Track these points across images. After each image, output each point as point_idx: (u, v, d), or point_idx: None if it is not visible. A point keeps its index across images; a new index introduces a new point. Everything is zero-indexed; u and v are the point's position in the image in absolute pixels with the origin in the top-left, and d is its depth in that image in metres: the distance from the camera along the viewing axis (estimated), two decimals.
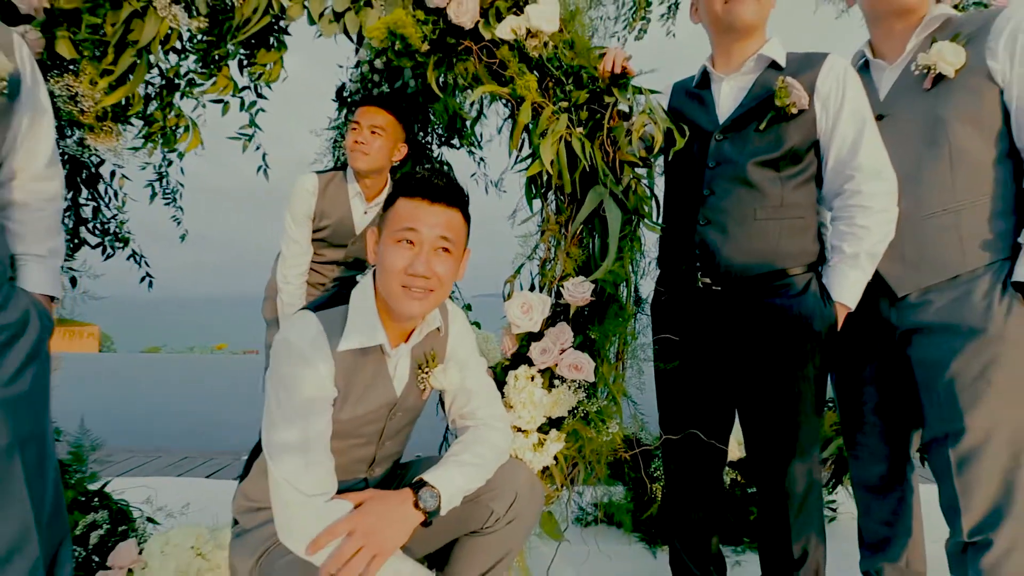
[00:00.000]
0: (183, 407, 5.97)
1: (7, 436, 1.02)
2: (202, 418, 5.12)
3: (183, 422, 4.91)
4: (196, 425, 4.72)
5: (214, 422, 4.85)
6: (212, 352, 14.26)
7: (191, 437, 4.10)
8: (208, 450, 3.06)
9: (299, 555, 0.94)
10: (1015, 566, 1.10)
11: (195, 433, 4.35)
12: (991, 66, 1.10)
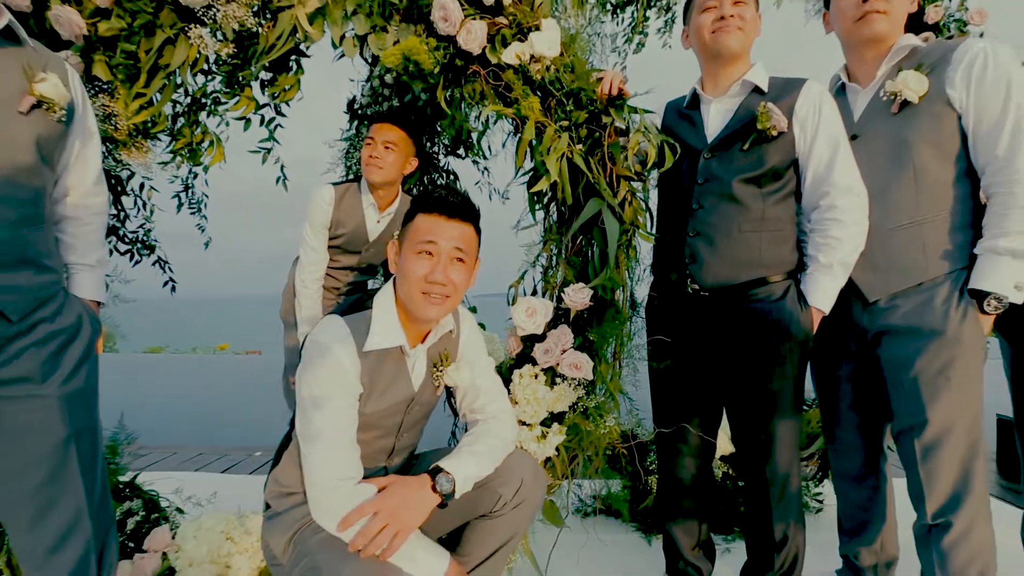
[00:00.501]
0: (190, 406, 6.07)
1: (65, 428, 1.14)
2: (209, 416, 5.22)
3: (190, 420, 5.01)
4: (203, 423, 4.83)
5: (221, 420, 4.95)
6: (215, 352, 14.29)
7: (199, 434, 4.21)
8: (222, 446, 3.17)
9: (331, 532, 1.05)
10: (971, 545, 1.21)
11: (202, 431, 4.46)
12: (950, 94, 1.21)
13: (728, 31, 1.34)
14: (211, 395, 7.23)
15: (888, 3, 1.28)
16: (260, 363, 13.29)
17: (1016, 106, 1.15)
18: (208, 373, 9.33)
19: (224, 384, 8.24)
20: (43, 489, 1.13)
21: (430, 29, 1.50)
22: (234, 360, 12.72)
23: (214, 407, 5.96)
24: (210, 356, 13.20)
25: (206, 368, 10.25)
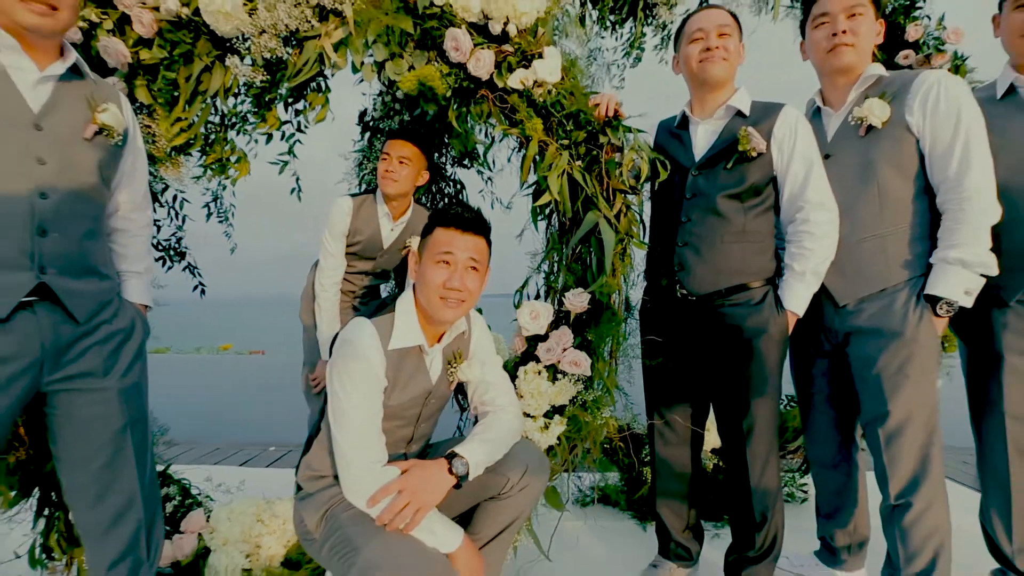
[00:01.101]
0: (198, 405, 6.20)
1: (123, 418, 1.28)
2: (217, 415, 5.36)
3: (200, 419, 5.14)
4: (212, 421, 4.96)
5: (229, 418, 5.08)
6: (218, 352, 14.39)
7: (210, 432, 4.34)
8: (238, 442, 3.31)
9: (360, 508, 1.20)
10: (929, 523, 1.36)
11: (211, 428, 4.59)
12: (909, 120, 1.36)
13: (714, 61, 1.49)
14: (218, 394, 7.37)
15: (855, 36, 1.43)
16: (263, 363, 13.43)
17: (965, 131, 1.30)
18: (212, 373, 9.47)
19: (228, 384, 8.37)
20: (104, 472, 1.27)
21: (442, 55, 1.65)
22: (238, 360, 12.84)
23: (221, 406, 6.09)
24: (213, 356, 13.31)
25: (210, 368, 10.38)
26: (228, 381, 8.71)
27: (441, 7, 1.58)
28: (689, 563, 1.73)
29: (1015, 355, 1.35)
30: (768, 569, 1.58)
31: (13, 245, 1.10)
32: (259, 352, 14.98)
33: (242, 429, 4.53)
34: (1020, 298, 1.33)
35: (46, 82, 1.18)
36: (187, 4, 1.58)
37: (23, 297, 1.11)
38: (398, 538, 1.18)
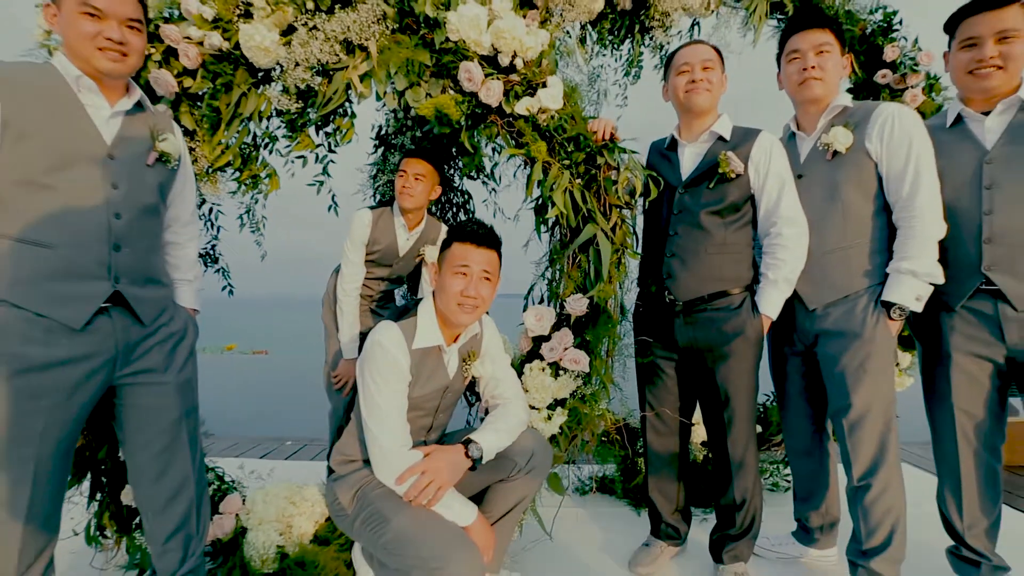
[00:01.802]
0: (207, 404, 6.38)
1: (179, 409, 1.46)
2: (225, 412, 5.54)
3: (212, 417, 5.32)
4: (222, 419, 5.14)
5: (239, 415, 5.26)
6: (223, 352, 14.57)
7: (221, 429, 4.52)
8: (255, 436, 3.50)
9: (388, 486, 1.38)
10: (886, 503, 1.54)
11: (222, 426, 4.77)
12: (868, 147, 1.54)
13: (698, 92, 1.67)
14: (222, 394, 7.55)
15: (823, 71, 1.61)
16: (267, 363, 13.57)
17: (916, 158, 1.48)
18: (217, 372, 9.64)
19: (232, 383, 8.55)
20: (162, 455, 1.45)
21: (455, 83, 1.83)
22: (242, 360, 13.01)
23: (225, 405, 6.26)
24: (218, 356, 13.49)
25: (215, 367, 10.56)
26: (232, 380, 8.90)
27: (455, 42, 1.76)
28: (678, 542, 1.91)
29: (961, 355, 1.53)
30: (748, 546, 1.76)
31: (94, 259, 1.28)
32: (262, 352, 15.16)
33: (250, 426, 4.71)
34: (964, 304, 1.51)
35: (116, 117, 1.36)
36: (228, 39, 1.76)
37: (101, 303, 1.29)
38: (422, 512, 1.37)
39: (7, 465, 1.21)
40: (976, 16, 1.48)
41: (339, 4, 1.77)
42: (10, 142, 1.21)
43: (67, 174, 1.26)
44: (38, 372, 1.22)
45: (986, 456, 1.57)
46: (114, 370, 1.35)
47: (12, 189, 1.22)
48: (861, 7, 2.53)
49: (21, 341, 1.20)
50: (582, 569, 1.87)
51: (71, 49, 1.29)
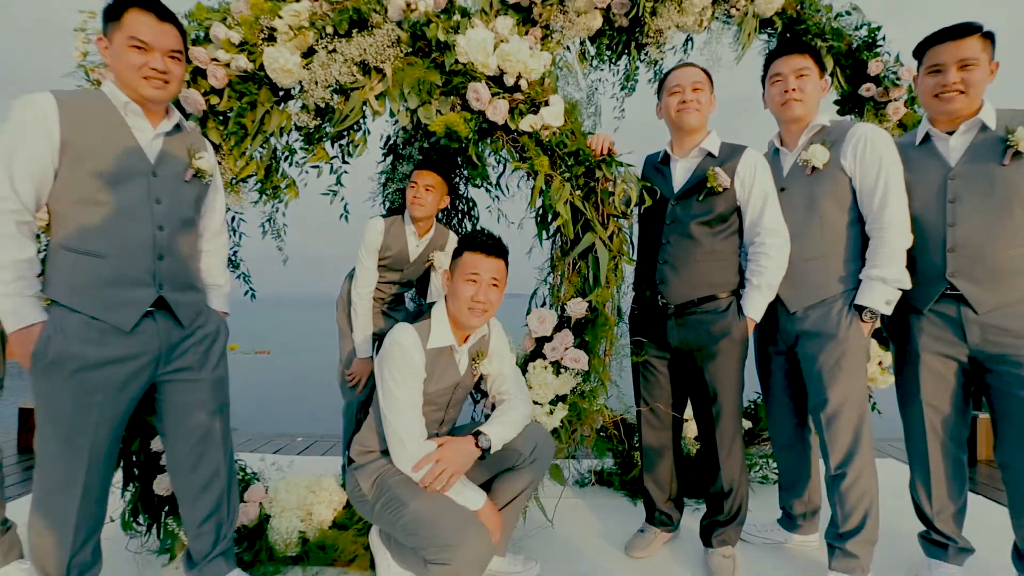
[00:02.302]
0: None
1: (214, 404, 1.60)
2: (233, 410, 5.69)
3: None
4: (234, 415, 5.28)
5: (249, 413, 5.40)
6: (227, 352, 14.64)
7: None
8: (268, 433, 3.63)
9: (406, 473, 1.52)
10: (860, 489, 1.68)
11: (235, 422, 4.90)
12: (843, 164, 1.68)
13: (689, 111, 1.81)
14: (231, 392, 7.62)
15: (803, 93, 1.75)
16: (270, 362, 13.68)
17: (885, 174, 1.62)
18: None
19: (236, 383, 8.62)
20: (198, 446, 1.59)
21: (464, 102, 1.97)
22: (245, 360, 13.12)
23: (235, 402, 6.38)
24: None
25: None
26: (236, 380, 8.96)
27: (464, 64, 1.90)
28: (671, 528, 2.05)
29: (929, 354, 1.67)
30: (735, 531, 1.90)
31: (141, 267, 1.42)
32: (265, 352, 15.28)
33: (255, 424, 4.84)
34: (931, 308, 1.64)
35: (158, 138, 1.50)
36: (253, 61, 1.90)
37: (147, 308, 1.43)
38: (436, 497, 1.51)
39: (66, 453, 1.35)
40: (940, 45, 1.62)
41: (356, 29, 1.91)
42: (68, 164, 1.34)
43: (117, 191, 1.39)
44: (93, 370, 1.35)
45: (952, 447, 1.71)
46: (157, 368, 1.48)
47: (69, 206, 1.36)
48: (847, 24, 2.67)
49: (78, 342, 1.34)
50: (582, 553, 2.01)
51: (120, 77, 1.43)
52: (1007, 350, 1.55)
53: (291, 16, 1.86)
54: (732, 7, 2.64)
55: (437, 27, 1.89)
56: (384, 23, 1.89)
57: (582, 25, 2.55)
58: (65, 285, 1.35)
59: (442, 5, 1.94)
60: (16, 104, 1.33)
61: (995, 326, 1.56)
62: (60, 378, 1.33)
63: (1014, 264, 1.54)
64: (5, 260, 1.28)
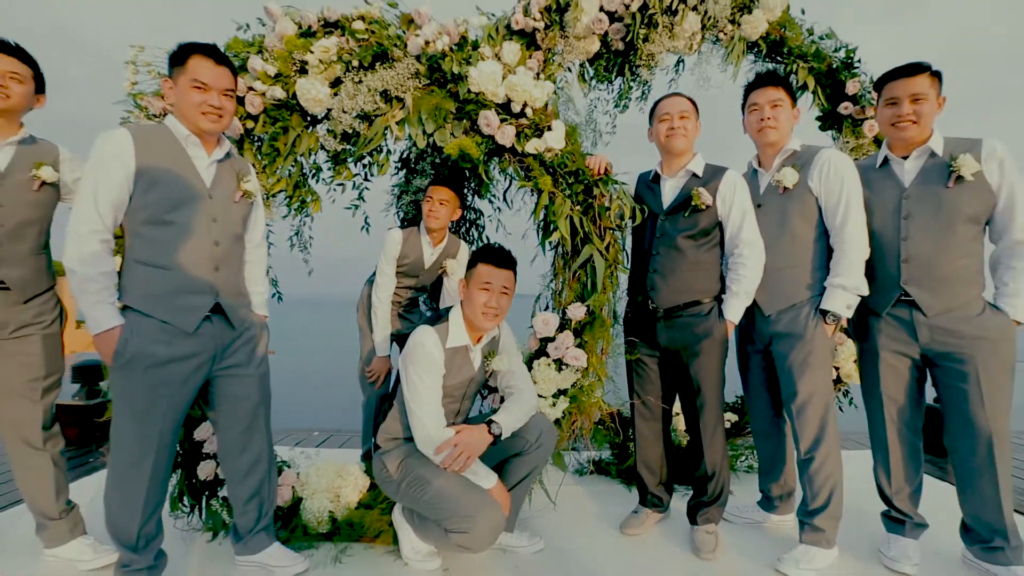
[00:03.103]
0: None
1: (258, 396, 1.82)
2: None
3: None
4: None
5: None
6: None
7: None
8: (286, 427, 3.85)
9: (428, 456, 1.75)
10: (825, 470, 1.90)
11: None
12: (810, 184, 1.91)
13: (676, 137, 2.03)
14: None
15: (777, 121, 1.98)
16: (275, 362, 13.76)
17: (847, 195, 1.85)
18: None
19: None
20: (245, 434, 1.81)
21: (474, 126, 2.19)
22: None
23: None
24: None
25: None
26: None
27: (476, 94, 2.13)
28: (661, 509, 2.28)
29: (887, 352, 1.90)
30: (718, 511, 2.13)
31: (201, 278, 1.64)
32: (270, 352, 15.45)
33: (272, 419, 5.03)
34: (888, 311, 1.87)
35: (212, 164, 1.72)
36: (286, 90, 2.12)
37: (207, 313, 1.65)
38: (455, 477, 1.73)
39: (140, 438, 1.57)
40: (895, 81, 1.85)
41: (379, 62, 2.13)
42: (141, 190, 1.57)
43: (180, 212, 1.62)
44: (162, 366, 1.58)
45: (908, 434, 1.94)
46: (213, 365, 1.71)
47: (141, 226, 1.58)
48: (826, 46, 2.89)
49: (151, 342, 1.56)
50: (581, 531, 2.23)
51: (181, 113, 1.65)
52: (951, 348, 1.78)
53: (321, 51, 2.09)
54: (720, 31, 2.86)
55: (451, 60, 2.11)
56: (404, 57, 2.12)
57: (581, 49, 2.77)
58: (138, 294, 1.58)
59: (456, 40, 2.17)
60: (99, 139, 1.56)
61: (941, 328, 1.79)
62: (135, 374, 1.55)
63: (957, 274, 1.77)
64: (92, 273, 1.51)
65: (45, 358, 1.86)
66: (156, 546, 1.70)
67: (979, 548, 1.85)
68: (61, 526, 1.93)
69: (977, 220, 1.77)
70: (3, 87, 1.74)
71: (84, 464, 3.08)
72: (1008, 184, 1.74)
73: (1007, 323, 1.74)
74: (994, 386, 1.73)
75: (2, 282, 1.77)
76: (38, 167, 1.83)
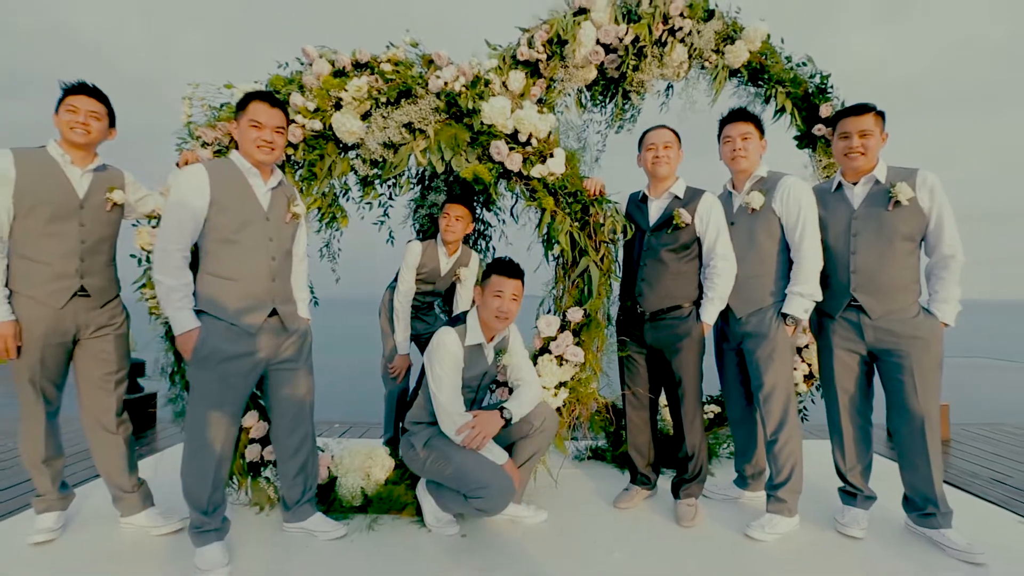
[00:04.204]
0: None
1: (306, 387, 2.15)
2: None
3: None
4: None
5: None
6: None
7: None
8: None
9: (450, 437, 2.08)
10: (787, 450, 2.24)
11: None
12: (774, 207, 2.24)
13: (660, 164, 2.36)
14: None
15: (747, 151, 2.30)
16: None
17: (804, 216, 2.17)
18: None
19: None
20: (295, 419, 2.14)
21: (487, 153, 2.52)
22: None
23: None
24: None
25: None
26: None
27: (488, 126, 2.45)
28: (650, 487, 2.61)
29: (839, 349, 2.23)
30: (698, 487, 2.46)
31: (261, 288, 1.97)
32: None
33: None
34: (840, 314, 2.20)
35: (268, 191, 2.04)
36: (323, 122, 2.45)
37: (266, 316, 1.98)
38: (472, 454, 2.06)
39: (216, 421, 1.90)
40: (847, 118, 2.18)
41: (404, 99, 2.46)
42: (214, 214, 1.89)
43: (244, 232, 1.94)
44: (231, 361, 1.90)
45: (859, 419, 2.27)
46: (269, 360, 2.03)
47: (213, 244, 1.91)
48: (803, 73, 3.22)
49: (222, 340, 1.89)
50: (579, 505, 2.56)
51: (243, 148, 1.98)
52: (891, 346, 2.11)
53: (354, 90, 2.41)
54: (705, 60, 3.19)
55: (466, 97, 2.44)
56: (426, 95, 2.45)
57: (579, 77, 3.10)
58: (211, 301, 1.90)
59: (470, 79, 2.49)
60: (180, 173, 1.89)
61: (883, 328, 2.12)
62: (210, 367, 1.88)
63: (895, 283, 2.10)
64: (175, 284, 1.83)
65: (117, 355, 2.19)
66: (222, 512, 2.03)
67: (916, 515, 2.19)
68: (134, 498, 2.26)
69: (912, 238, 2.10)
70: (86, 125, 2.06)
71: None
72: (938, 208, 2.07)
73: (937, 325, 2.08)
74: (926, 378, 2.07)
75: (85, 290, 2.09)
76: (111, 191, 2.15)
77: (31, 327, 1.99)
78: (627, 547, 2.14)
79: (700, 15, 3.06)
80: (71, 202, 2.05)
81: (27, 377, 2.03)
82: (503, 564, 1.99)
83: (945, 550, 2.07)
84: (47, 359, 2.04)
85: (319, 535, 2.19)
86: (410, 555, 2.07)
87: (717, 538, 2.24)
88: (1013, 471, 3.11)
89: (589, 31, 2.82)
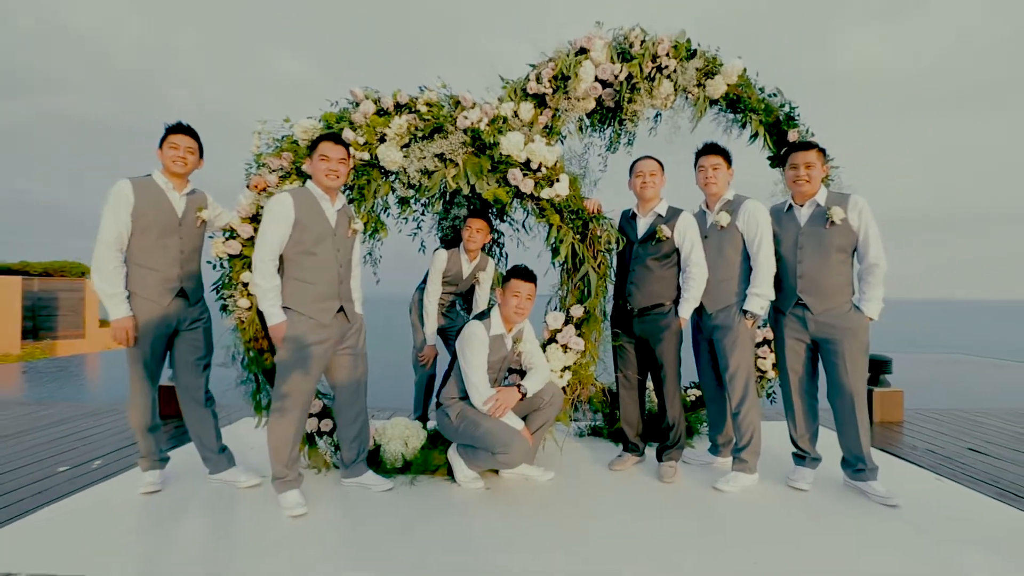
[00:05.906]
0: None
1: (363, 368, 2.69)
2: None
3: None
4: None
5: None
6: None
7: None
8: None
9: (478, 407, 2.62)
10: (748, 420, 2.78)
11: None
12: (738, 224, 2.78)
13: (647, 188, 2.90)
14: None
15: (717, 179, 2.85)
16: None
17: (760, 233, 2.71)
18: None
19: None
20: (354, 393, 2.68)
21: (504, 178, 3.05)
22: None
23: None
24: None
25: None
26: None
27: (505, 156, 2.99)
28: (638, 454, 3.15)
29: (790, 339, 2.77)
30: (677, 452, 3.00)
31: (333, 290, 2.50)
32: None
33: None
34: (789, 311, 2.74)
35: (335, 212, 2.58)
36: (369, 152, 2.99)
37: (335, 312, 2.52)
38: (495, 420, 2.61)
39: (297, 393, 2.44)
40: (795, 152, 2.73)
41: (437, 133, 3.00)
42: (298, 231, 2.43)
43: (320, 246, 2.48)
44: (310, 346, 2.44)
45: (807, 396, 2.81)
46: (336, 346, 2.57)
47: (295, 255, 2.45)
48: (774, 102, 3.75)
49: (303, 331, 2.43)
50: (580, 467, 3.10)
51: (315, 178, 2.52)
52: (828, 336, 2.65)
53: (396, 127, 2.95)
54: (689, 92, 3.72)
55: (490, 134, 2.98)
56: (455, 131, 2.98)
57: (580, 107, 3.63)
58: (295, 299, 2.44)
59: (491, 117, 3.03)
60: (272, 201, 2.42)
61: (823, 322, 2.66)
62: (295, 351, 2.42)
63: (832, 286, 2.64)
64: (269, 286, 2.37)
65: (205, 343, 2.73)
66: (298, 466, 2.57)
67: (850, 471, 2.73)
68: (221, 459, 2.80)
69: (845, 250, 2.65)
70: (184, 159, 2.59)
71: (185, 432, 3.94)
72: (865, 226, 2.61)
73: (864, 319, 2.62)
74: (855, 361, 2.61)
75: (183, 291, 2.62)
76: (200, 210, 2.68)
77: (144, 321, 2.53)
78: (618, 499, 2.69)
79: (684, 55, 3.58)
80: (173, 220, 2.59)
81: (140, 360, 2.56)
82: (519, 509, 2.54)
83: (870, 497, 2.62)
84: (155, 346, 2.57)
85: (372, 487, 2.74)
86: (445, 503, 2.61)
87: (692, 491, 2.78)
88: (947, 444, 3.66)
89: (589, 69, 3.35)
